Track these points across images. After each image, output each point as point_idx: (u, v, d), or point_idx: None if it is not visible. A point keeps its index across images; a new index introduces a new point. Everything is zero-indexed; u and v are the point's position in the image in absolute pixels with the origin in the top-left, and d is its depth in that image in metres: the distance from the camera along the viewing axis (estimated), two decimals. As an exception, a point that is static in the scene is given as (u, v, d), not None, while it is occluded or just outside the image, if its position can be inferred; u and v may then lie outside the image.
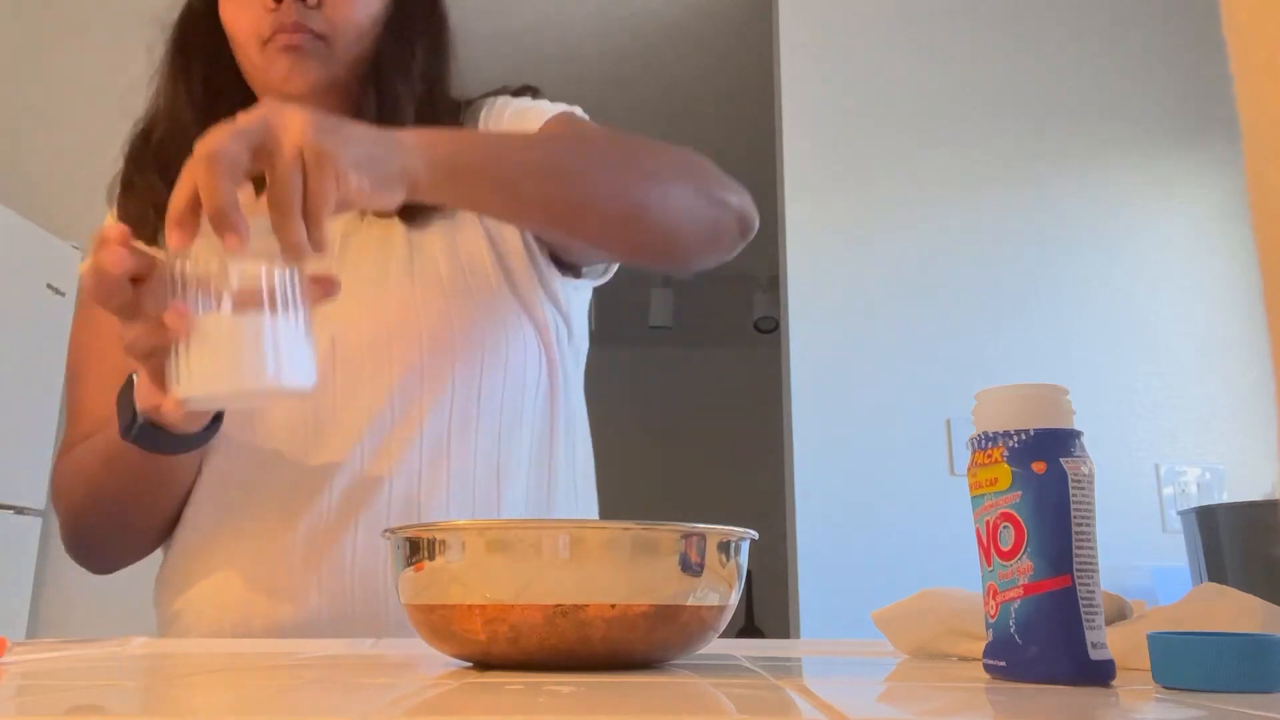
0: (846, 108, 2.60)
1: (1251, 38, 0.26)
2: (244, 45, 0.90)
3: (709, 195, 0.82)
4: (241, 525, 0.88)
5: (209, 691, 0.48)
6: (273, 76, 0.88)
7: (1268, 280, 0.25)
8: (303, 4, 0.86)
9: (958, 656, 0.64)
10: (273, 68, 0.88)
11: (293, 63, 0.87)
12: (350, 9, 0.88)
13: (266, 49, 0.87)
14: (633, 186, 0.78)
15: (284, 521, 0.86)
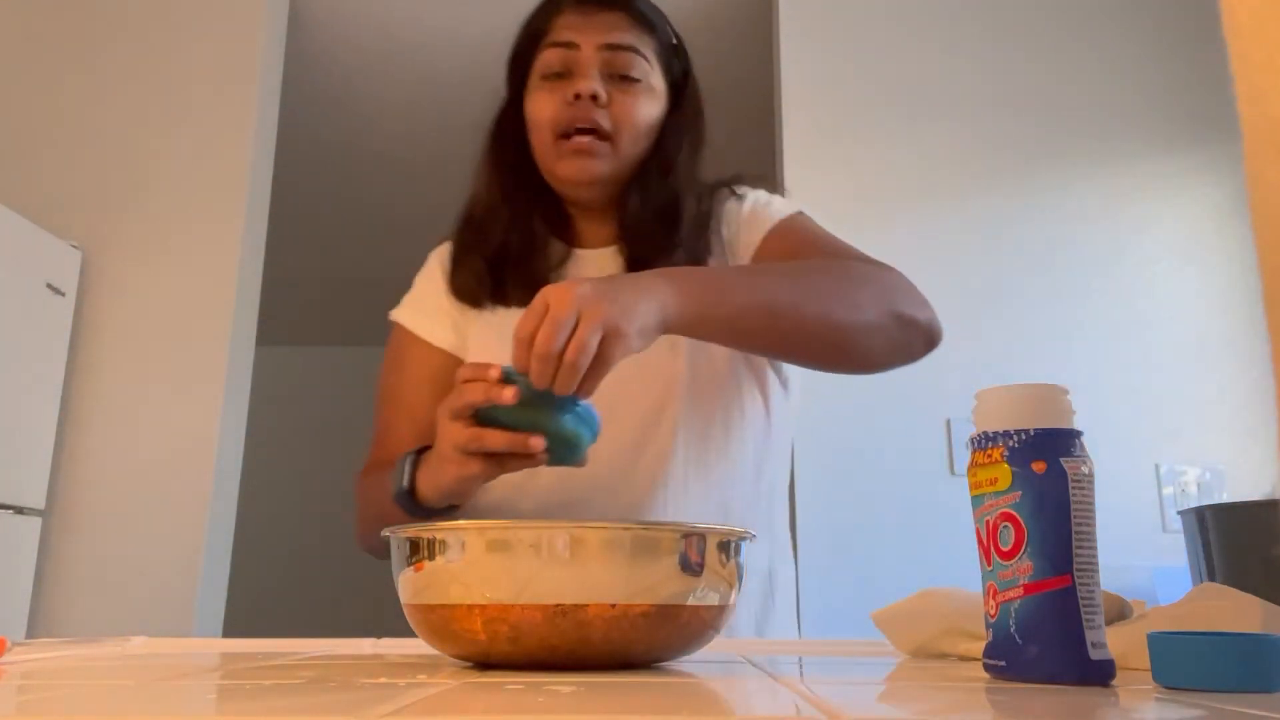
0: (846, 107, 2.60)
1: (1251, 38, 0.26)
2: (541, 133, 1.04)
3: (902, 319, 0.96)
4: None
5: (208, 691, 0.48)
6: (562, 170, 1.03)
7: (1268, 280, 0.25)
8: (595, 102, 1.01)
9: (958, 656, 0.64)
10: (563, 163, 1.03)
11: (583, 163, 1.02)
12: (632, 108, 1.03)
13: (560, 144, 1.02)
14: (837, 317, 0.92)
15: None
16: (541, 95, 1.04)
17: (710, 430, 1.01)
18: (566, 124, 1.01)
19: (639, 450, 0.99)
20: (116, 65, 2.62)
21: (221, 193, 2.52)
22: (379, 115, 3.64)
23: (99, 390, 2.41)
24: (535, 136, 1.05)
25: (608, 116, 1.02)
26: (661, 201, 1.05)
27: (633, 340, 0.78)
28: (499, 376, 0.76)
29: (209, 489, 2.34)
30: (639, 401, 1.00)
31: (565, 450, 0.77)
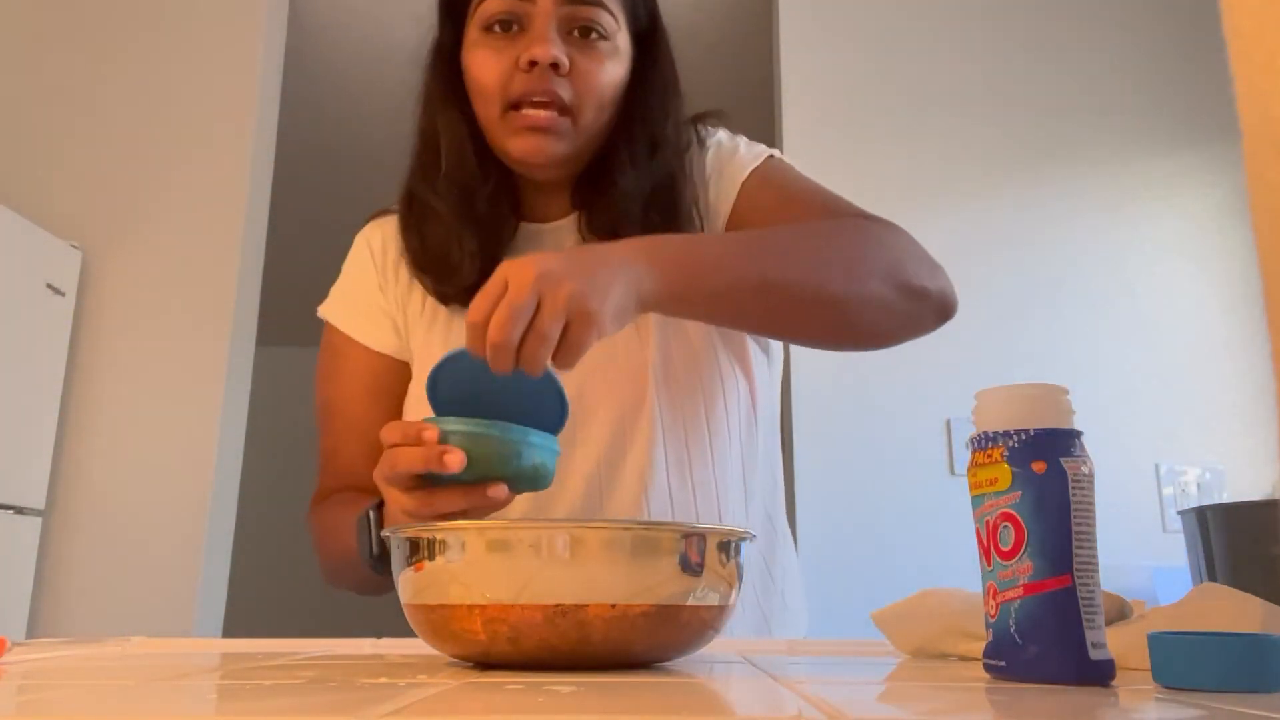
0: (846, 107, 2.60)
1: (1251, 38, 0.26)
2: (487, 100, 0.88)
3: (909, 287, 0.86)
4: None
5: (208, 691, 0.48)
6: (513, 148, 0.88)
7: (1268, 280, 0.25)
8: (555, 71, 0.85)
9: (958, 656, 0.64)
10: (515, 140, 0.87)
11: (537, 142, 0.87)
12: (598, 75, 0.88)
13: (510, 116, 0.87)
14: (838, 289, 0.82)
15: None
16: (484, 53, 0.88)
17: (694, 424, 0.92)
18: (518, 95, 0.86)
19: (615, 463, 0.90)
20: (117, 66, 2.62)
21: (222, 193, 2.52)
22: (379, 115, 3.64)
23: (99, 390, 2.41)
24: (479, 102, 0.90)
25: (568, 86, 0.86)
26: (654, 183, 0.92)
27: (606, 323, 0.68)
28: (436, 438, 0.66)
29: (209, 489, 2.34)
30: (608, 405, 0.90)
31: (528, 485, 0.70)
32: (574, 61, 0.86)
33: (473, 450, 0.66)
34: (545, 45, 0.84)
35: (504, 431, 0.67)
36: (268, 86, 2.66)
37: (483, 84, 0.88)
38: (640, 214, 0.91)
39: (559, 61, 0.85)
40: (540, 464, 0.69)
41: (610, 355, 0.91)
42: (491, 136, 0.90)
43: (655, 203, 0.92)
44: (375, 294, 0.98)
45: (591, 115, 0.88)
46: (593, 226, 0.93)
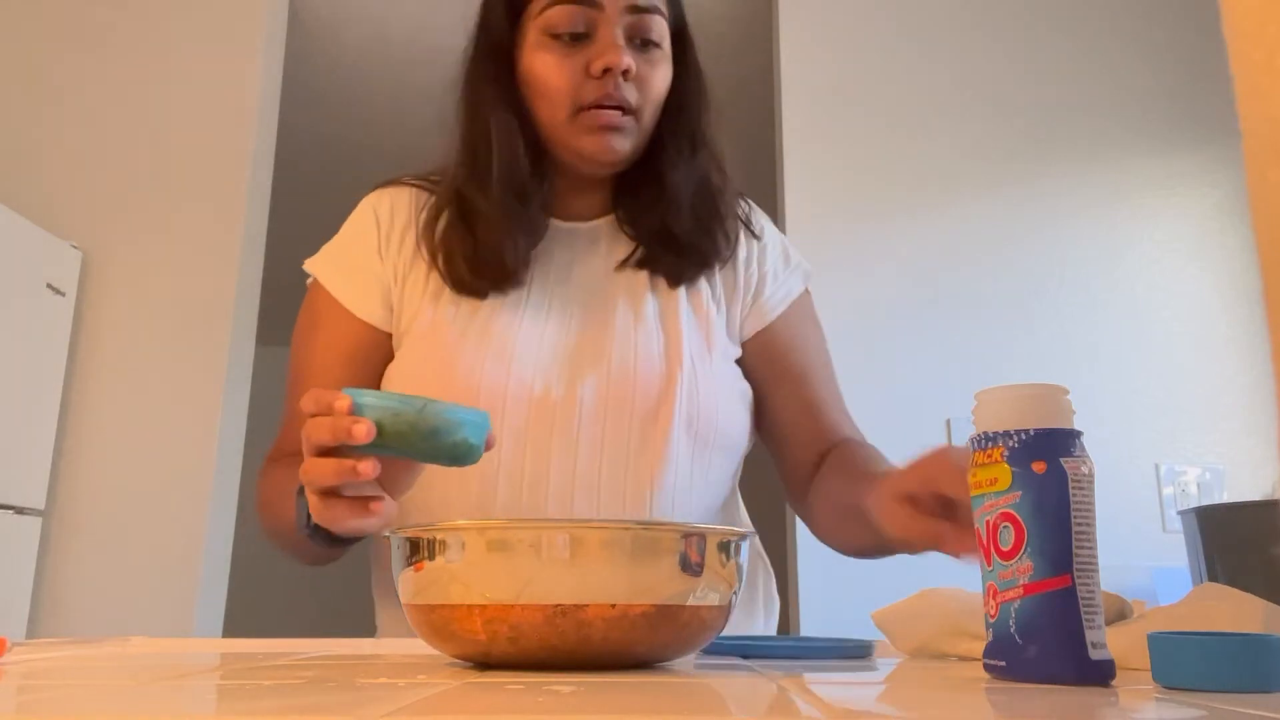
0: (846, 108, 2.60)
1: (1251, 38, 0.26)
2: (554, 103, 0.91)
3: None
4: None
5: (208, 691, 0.48)
6: (586, 146, 0.91)
7: (1268, 280, 0.25)
8: (625, 78, 0.90)
9: (958, 656, 0.64)
10: (587, 138, 0.91)
11: (610, 140, 0.91)
12: (657, 82, 0.93)
13: (581, 118, 0.90)
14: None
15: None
16: (551, 57, 0.91)
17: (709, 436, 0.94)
18: (591, 100, 0.89)
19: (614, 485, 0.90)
20: (117, 66, 2.62)
21: (221, 193, 2.52)
22: (379, 114, 3.64)
23: (99, 390, 2.41)
24: (543, 104, 0.92)
25: (633, 90, 0.91)
26: (698, 180, 0.96)
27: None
28: (347, 408, 0.64)
29: (209, 489, 2.34)
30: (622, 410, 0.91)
31: (451, 460, 0.68)
32: (638, 67, 0.91)
33: (387, 423, 0.64)
34: (619, 54, 0.89)
35: (420, 405, 0.65)
36: (268, 86, 2.66)
37: (552, 87, 0.91)
38: (689, 209, 0.96)
39: (631, 69, 0.90)
40: (461, 440, 0.66)
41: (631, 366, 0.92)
42: (557, 135, 0.93)
43: (699, 198, 0.96)
44: (372, 258, 0.96)
45: (651, 117, 0.93)
46: (637, 224, 0.97)
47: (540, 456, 0.88)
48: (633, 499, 0.89)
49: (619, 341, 0.92)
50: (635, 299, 0.96)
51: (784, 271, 1.04)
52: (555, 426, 0.89)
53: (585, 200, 0.99)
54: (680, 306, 0.96)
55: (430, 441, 0.65)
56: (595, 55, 0.89)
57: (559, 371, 0.91)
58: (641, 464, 0.90)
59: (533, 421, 0.89)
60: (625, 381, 0.91)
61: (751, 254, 1.02)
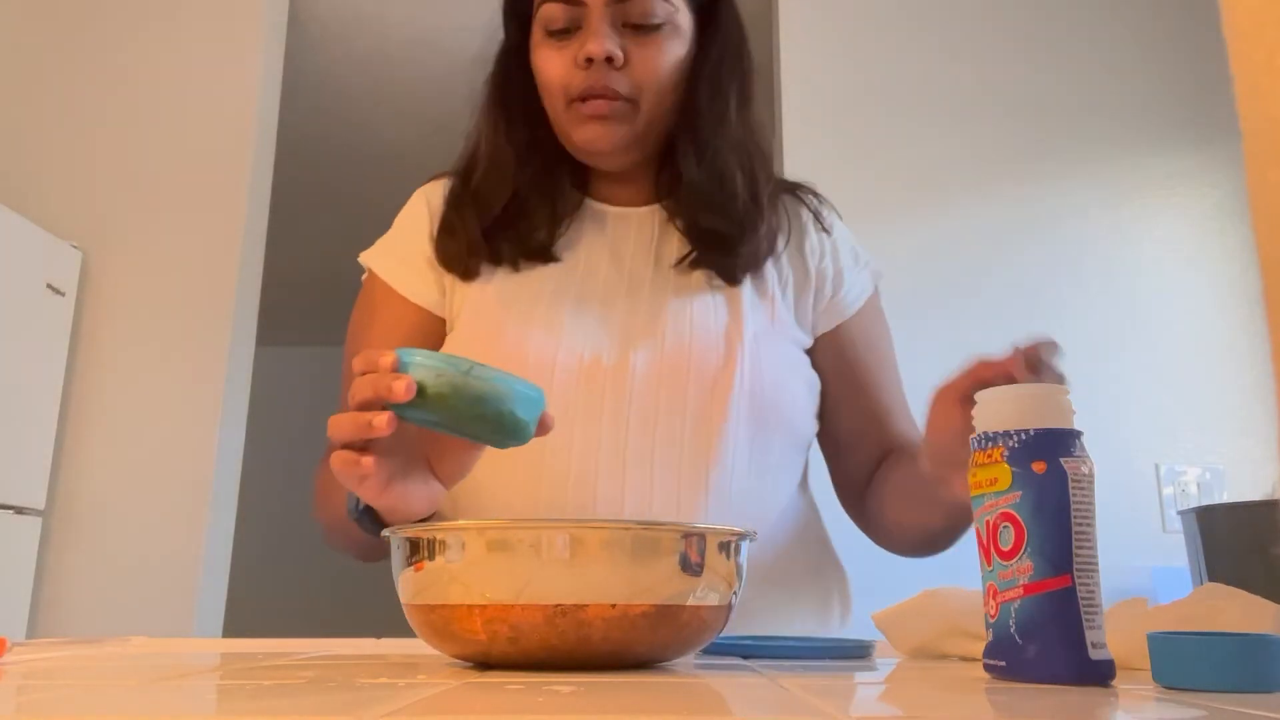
0: (846, 107, 2.60)
1: (1251, 38, 0.26)
2: (552, 95, 0.93)
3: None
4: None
5: (208, 691, 0.48)
6: (577, 137, 0.92)
7: (1268, 280, 0.25)
8: (610, 65, 0.89)
9: (958, 656, 0.64)
10: (578, 129, 0.91)
11: (600, 129, 0.91)
12: (657, 64, 0.91)
13: (573, 108, 0.91)
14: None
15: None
16: (547, 53, 0.92)
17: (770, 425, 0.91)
18: (579, 91, 0.90)
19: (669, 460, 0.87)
20: (116, 65, 2.62)
21: (221, 193, 2.52)
22: (379, 115, 3.64)
23: (99, 390, 2.41)
24: (545, 98, 0.94)
25: (626, 78, 0.90)
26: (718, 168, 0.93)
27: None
28: (392, 364, 0.61)
29: (209, 489, 2.34)
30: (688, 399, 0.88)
31: (498, 434, 0.64)
32: (630, 53, 0.90)
33: (429, 383, 0.61)
34: (598, 41, 0.88)
35: (467, 366, 0.62)
36: (268, 86, 2.66)
37: (548, 81, 0.92)
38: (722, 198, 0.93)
39: (612, 55, 0.88)
40: (508, 412, 0.63)
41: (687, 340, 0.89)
42: (559, 130, 0.94)
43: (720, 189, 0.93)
44: (426, 244, 0.97)
45: (653, 101, 0.91)
46: (680, 215, 0.96)
47: (590, 427, 0.86)
48: (688, 474, 0.86)
49: (674, 312, 0.90)
50: (691, 278, 0.94)
51: (854, 270, 1.02)
52: (606, 396, 0.86)
53: (629, 188, 0.99)
54: (743, 289, 0.93)
55: (475, 409, 0.62)
56: (579, 45, 0.89)
57: (610, 340, 0.89)
58: (698, 438, 0.87)
59: (582, 391, 0.87)
60: (681, 351, 0.88)
61: (824, 249, 1.00)
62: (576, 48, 0.90)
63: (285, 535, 5.50)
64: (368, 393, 0.62)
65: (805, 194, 1.03)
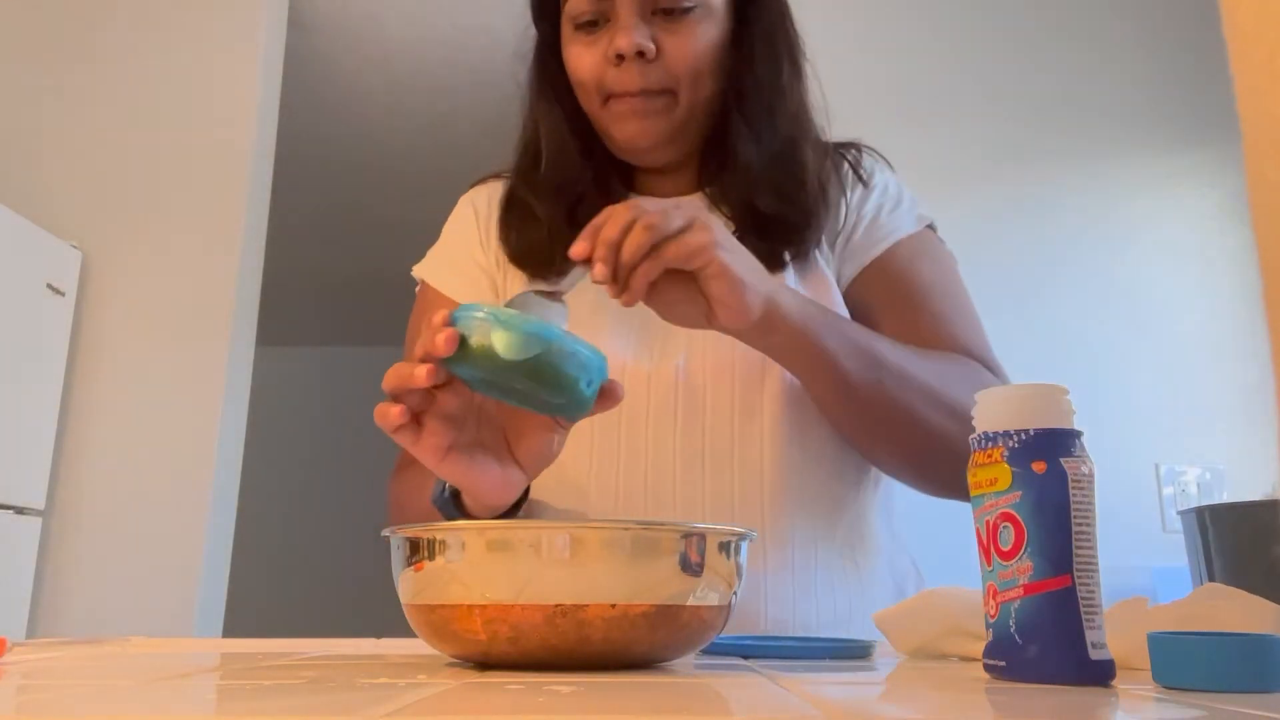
0: (846, 106, 2.59)
1: (1251, 38, 0.26)
2: (587, 94, 0.90)
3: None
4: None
5: (208, 691, 0.48)
6: (617, 135, 0.89)
7: (1268, 280, 0.25)
8: (642, 59, 0.85)
9: (958, 656, 0.64)
10: (617, 127, 0.89)
11: (639, 126, 0.88)
12: (691, 51, 0.87)
13: (609, 106, 0.88)
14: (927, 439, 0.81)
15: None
16: (577, 49, 0.89)
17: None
18: (611, 86, 0.87)
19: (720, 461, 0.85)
20: (116, 65, 2.62)
21: (221, 193, 2.52)
22: (379, 115, 3.64)
23: (99, 390, 2.41)
24: (581, 96, 0.91)
25: (660, 70, 0.86)
26: (778, 146, 0.90)
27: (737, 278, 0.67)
28: (444, 321, 0.59)
29: (209, 489, 2.34)
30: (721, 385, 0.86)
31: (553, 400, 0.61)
32: (662, 42, 0.86)
33: (473, 335, 0.58)
34: (628, 35, 0.85)
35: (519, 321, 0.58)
36: (268, 86, 2.66)
37: (580, 79, 0.89)
38: (769, 183, 0.89)
39: (644, 49, 0.85)
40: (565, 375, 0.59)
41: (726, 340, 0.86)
42: (599, 126, 0.91)
43: (780, 170, 0.90)
44: (475, 250, 0.96)
45: (691, 90, 0.88)
46: (724, 201, 0.92)
47: (635, 431, 0.85)
48: (741, 475, 0.84)
49: None
50: None
51: (889, 215, 0.96)
52: (652, 398, 0.85)
53: (675, 180, 0.95)
54: (787, 275, 0.89)
55: (524, 369, 0.58)
56: (608, 39, 0.86)
57: (652, 341, 0.87)
58: (748, 436, 0.84)
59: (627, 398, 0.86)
60: (724, 347, 0.86)
61: (853, 200, 0.96)
62: (606, 42, 0.87)
63: (285, 535, 5.50)
64: (418, 351, 0.60)
65: (848, 150, 1.01)
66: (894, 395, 0.80)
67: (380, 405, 0.62)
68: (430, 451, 0.63)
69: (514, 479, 0.68)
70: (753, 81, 0.91)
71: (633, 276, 0.66)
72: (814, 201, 0.90)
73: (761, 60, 0.91)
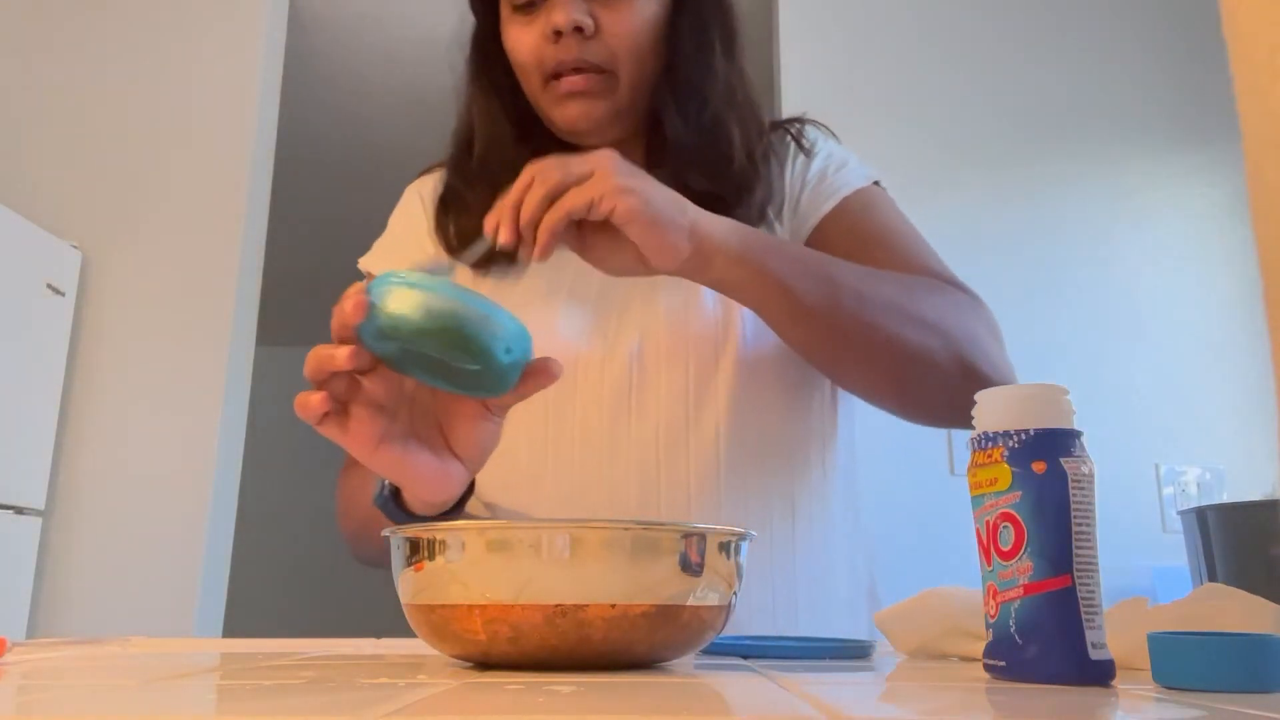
0: (846, 107, 2.60)
1: (1251, 38, 0.26)
2: (527, 74, 0.89)
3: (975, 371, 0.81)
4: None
5: (208, 691, 0.48)
6: (558, 118, 0.88)
7: (1268, 280, 0.25)
8: (580, 35, 0.84)
9: (958, 656, 0.64)
10: (557, 109, 0.87)
11: (580, 107, 0.87)
12: (630, 27, 0.86)
13: (550, 87, 0.87)
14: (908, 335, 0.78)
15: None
16: (515, 30, 0.88)
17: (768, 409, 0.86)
18: (552, 66, 0.86)
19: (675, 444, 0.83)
20: (117, 65, 2.62)
21: (221, 192, 2.52)
22: (379, 114, 3.64)
23: (99, 390, 2.41)
24: (521, 77, 0.90)
25: (601, 46, 0.85)
26: (707, 123, 0.89)
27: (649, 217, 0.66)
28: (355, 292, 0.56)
29: (209, 489, 2.34)
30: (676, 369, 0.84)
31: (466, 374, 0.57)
32: (600, 19, 0.85)
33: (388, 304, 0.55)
34: (564, 10, 0.83)
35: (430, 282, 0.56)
36: (268, 86, 2.66)
37: (520, 59, 0.88)
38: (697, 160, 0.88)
39: (581, 24, 0.84)
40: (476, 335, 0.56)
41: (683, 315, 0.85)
42: (539, 110, 0.90)
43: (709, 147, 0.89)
44: (424, 241, 0.94)
45: (632, 68, 0.87)
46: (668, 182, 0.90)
47: (589, 420, 0.84)
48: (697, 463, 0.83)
49: (667, 291, 0.87)
50: None
51: (835, 174, 0.94)
52: (605, 386, 0.85)
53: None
54: None
55: (437, 333, 0.55)
56: (546, 17, 0.85)
57: (606, 327, 0.87)
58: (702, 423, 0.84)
59: (580, 384, 0.85)
60: (677, 330, 0.86)
61: (796, 169, 0.94)
62: (544, 20, 0.85)
63: (285, 535, 5.50)
64: (335, 324, 0.57)
65: (791, 125, 0.99)
66: (855, 313, 0.77)
67: (301, 395, 0.58)
68: (360, 442, 0.61)
69: (454, 471, 0.65)
70: (683, 60, 0.89)
71: (537, 231, 0.67)
72: (744, 176, 0.89)
73: (691, 39, 0.90)
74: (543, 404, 0.84)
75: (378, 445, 0.61)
